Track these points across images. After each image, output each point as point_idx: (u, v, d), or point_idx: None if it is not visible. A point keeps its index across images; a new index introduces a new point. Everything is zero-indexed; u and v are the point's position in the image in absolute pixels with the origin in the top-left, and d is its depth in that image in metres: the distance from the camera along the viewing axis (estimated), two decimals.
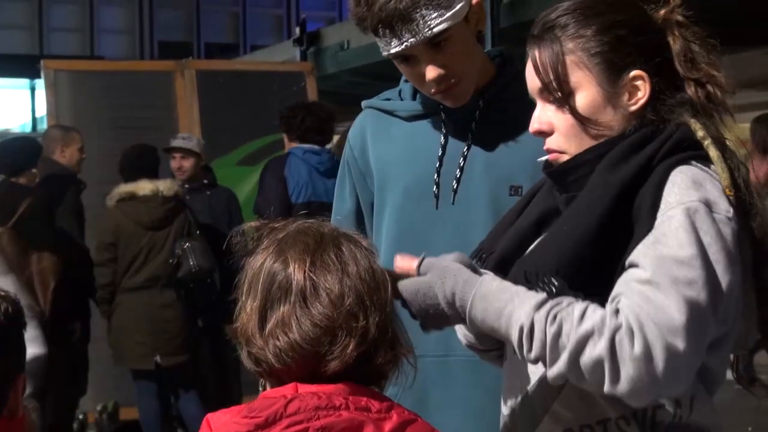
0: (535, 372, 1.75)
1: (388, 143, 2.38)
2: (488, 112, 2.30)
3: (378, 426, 1.53)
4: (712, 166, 1.67)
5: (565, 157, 1.75)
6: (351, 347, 1.54)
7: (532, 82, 1.78)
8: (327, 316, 1.54)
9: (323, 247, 1.58)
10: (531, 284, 1.66)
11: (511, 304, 1.61)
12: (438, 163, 2.30)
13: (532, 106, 2.28)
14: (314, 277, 1.55)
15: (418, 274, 1.70)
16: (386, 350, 1.58)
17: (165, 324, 6.12)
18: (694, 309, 1.55)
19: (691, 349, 1.55)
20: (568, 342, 1.56)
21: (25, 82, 20.52)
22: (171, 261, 6.08)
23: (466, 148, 2.29)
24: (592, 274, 1.65)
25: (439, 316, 1.68)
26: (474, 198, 2.27)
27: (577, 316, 1.56)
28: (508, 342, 1.67)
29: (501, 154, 2.28)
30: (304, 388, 1.54)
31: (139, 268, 6.09)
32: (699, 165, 1.67)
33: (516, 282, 1.68)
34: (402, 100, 2.40)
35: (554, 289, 1.63)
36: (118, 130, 7.50)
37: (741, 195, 1.67)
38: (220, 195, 6.80)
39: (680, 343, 1.53)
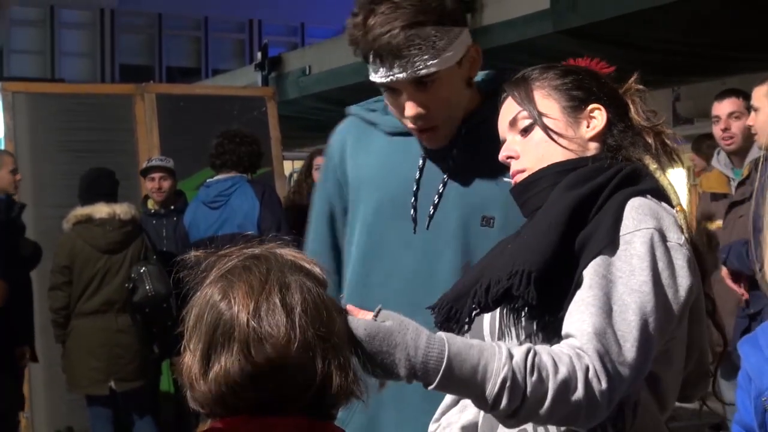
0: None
1: (366, 157, 2.38)
2: (469, 140, 2.30)
3: None
4: (662, 203, 1.82)
5: (527, 174, 1.89)
6: (297, 393, 1.49)
7: (504, 119, 1.95)
8: (271, 364, 1.48)
9: (268, 289, 1.51)
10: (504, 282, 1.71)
11: (482, 358, 1.60)
12: (415, 186, 2.29)
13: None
14: (257, 325, 1.49)
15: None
16: (335, 392, 1.52)
17: (120, 349, 6.05)
18: (642, 336, 1.68)
19: (635, 376, 1.69)
20: (550, 391, 1.61)
21: None
22: (127, 285, 6.02)
23: (445, 174, 2.29)
24: (553, 285, 1.71)
25: (387, 367, 1.60)
26: (446, 225, 2.27)
27: (551, 363, 1.62)
28: (472, 397, 1.64)
29: (476, 184, 2.28)
30: (256, 422, 1.50)
31: (94, 292, 6.03)
32: (653, 199, 1.81)
33: (479, 284, 1.77)
34: (386, 113, 2.38)
35: (527, 297, 1.69)
36: (76, 154, 7.42)
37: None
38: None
39: (628, 373, 1.67)
